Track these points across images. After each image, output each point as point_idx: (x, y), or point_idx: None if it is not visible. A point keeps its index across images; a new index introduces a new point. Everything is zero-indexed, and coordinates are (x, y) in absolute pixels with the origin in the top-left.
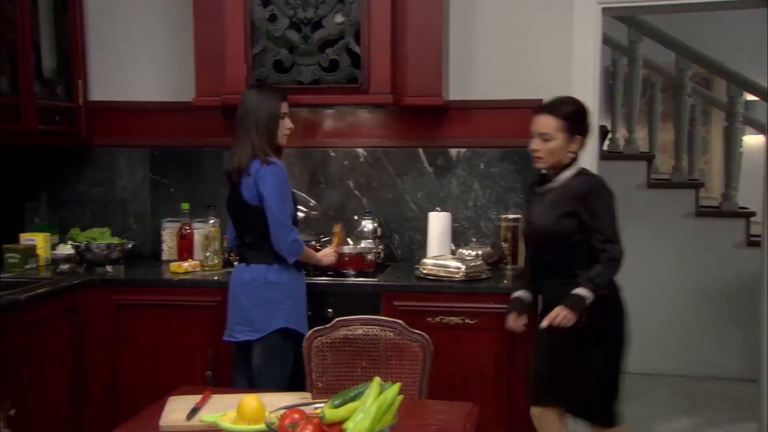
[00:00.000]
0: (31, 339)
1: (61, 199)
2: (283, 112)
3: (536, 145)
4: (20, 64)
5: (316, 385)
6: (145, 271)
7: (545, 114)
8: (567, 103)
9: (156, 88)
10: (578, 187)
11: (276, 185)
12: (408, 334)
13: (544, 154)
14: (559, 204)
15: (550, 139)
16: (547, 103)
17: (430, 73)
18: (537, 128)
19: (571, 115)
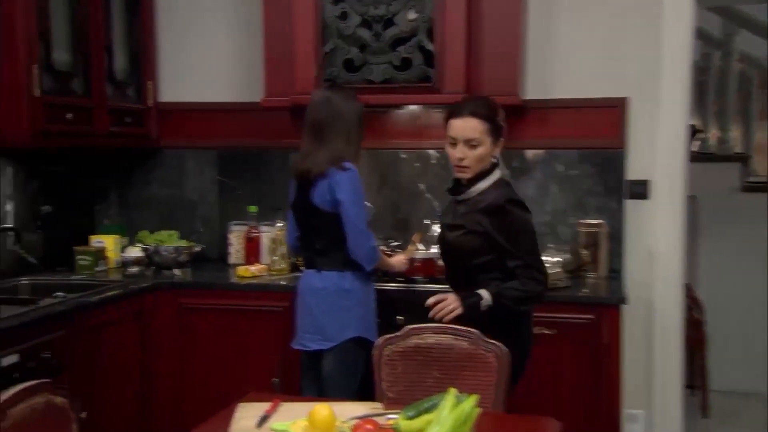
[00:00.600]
0: (101, 342)
1: (130, 200)
2: None
3: (462, 153)
4: (93, 66)
5: (387, 395)
6: (212, 275)
7: (469, 117)
8: (487, 103)
9: (224, 89)
10: (489, 202)
11: (353, 191)
12: (482, 343)
13: (472, 163)
14: (468, 218)
15: (478, 144)
16: (467, 104)
17: (507, 71)
18: (461, 134)
19: (494, 116)
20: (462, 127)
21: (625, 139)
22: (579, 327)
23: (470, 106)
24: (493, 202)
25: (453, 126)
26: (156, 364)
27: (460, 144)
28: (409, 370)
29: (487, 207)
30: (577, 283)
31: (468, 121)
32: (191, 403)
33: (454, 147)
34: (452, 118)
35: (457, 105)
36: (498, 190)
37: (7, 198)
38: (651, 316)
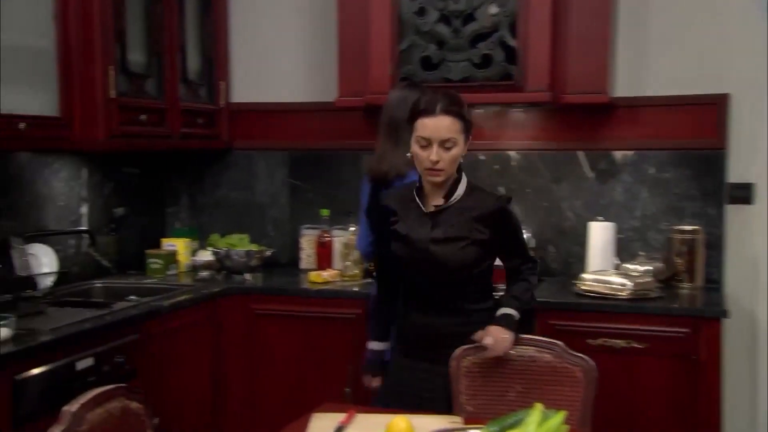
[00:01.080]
0: (172, 346)
1: (200, 203)
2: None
3: (437, 155)
4: (166, 67)
5: (466, 408)
6: (283, 280)
7: (444, 115)
8: (457, 99)
9: (297, 89)
10: (484, 209)
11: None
12: (568, 357)
13: (447, 165)
14: (460, 229)
15: (453, 145)
16: (437, 101)
17: (595, 67)
18: (437, 134)
19: (467, 113)
20: (436, 127)
21: (726, 139)
22: (673, 341)
23: (443, 103)
24: (494, 208)
25: (425, 126)
26: (227, 370)
27: (434, 145)
28: (489, 382)
29: (488, 214)
30: (670, 293)
31: (442, 119)
32: (262, 411)
33: (426, 149)
34: (423, 117)
35: (426, 102)
36: (480, 192)
37: (82, 200)
38: (755, 331)
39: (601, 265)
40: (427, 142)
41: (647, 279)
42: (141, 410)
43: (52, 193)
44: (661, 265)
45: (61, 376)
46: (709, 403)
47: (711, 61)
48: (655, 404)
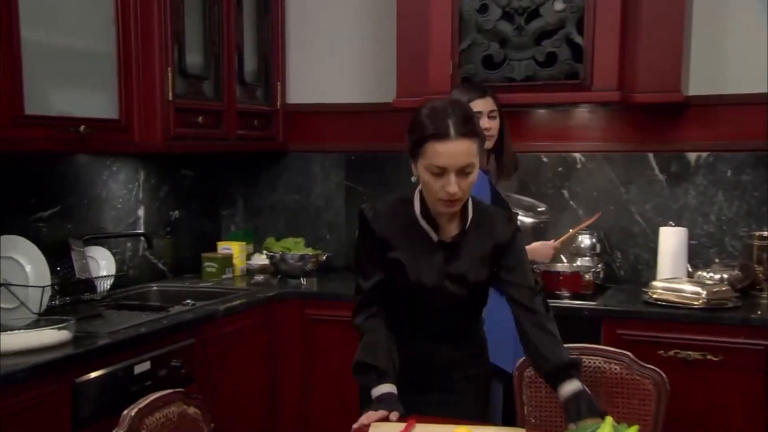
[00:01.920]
0: (227, 351)
1: (256, 206)
2: (476, 110)
3: (456, 186)
4: (224, 68)
5: (529, 420)
6: (338, 285)
7: (462, 139)
8: (469, 114)
9: (354, 89)
10: (500, 237)
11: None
12: (638, 368)
13: (465, 194)
14: (481, 261)
15: (472, 170)
16: (450, 122)
17: (668, 64)
18: (455, 161)
19: (479, 128)
20: (454, 154)
21: None
22: (751, 354)
23: (457, 125)
24: (510, 236)
25: (438, 153)
26: (281, 376)
27: (451, 174)
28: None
29: (505, 243)
30: (748, 303)
31: (459, 144)
32: (317, 418)
33: (441, 177)
34: (435, 142)
35: (436, 124)
36: (485, 211)
37: (139, 203)
38: None
39: (672, 272)
40: (442, 171)
41: (723, 287)
42: (198, 415)
43: (110, 196)
44: (739, 273)
45: (120, 379)
46: None
47: None
48: (731, 421)
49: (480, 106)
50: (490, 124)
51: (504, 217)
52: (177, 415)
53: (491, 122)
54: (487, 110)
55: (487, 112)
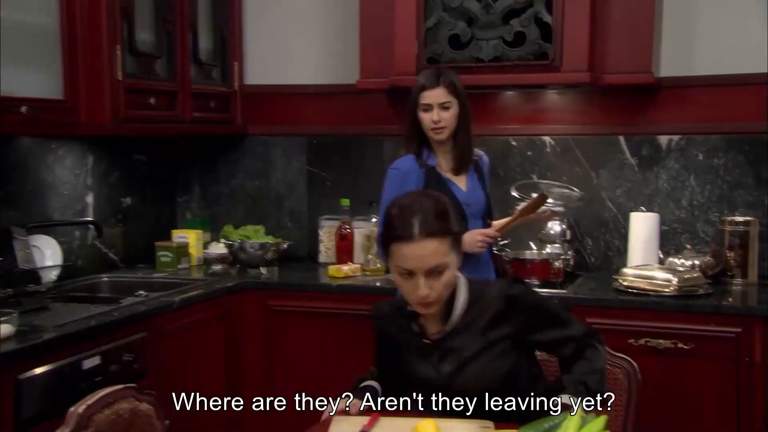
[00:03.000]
0: (185, 345)
1: (213, 192)
2: (423, 103)
3: (427, 289)
4: (177, 47)
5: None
6: (301, 275)
7: (428, 239)
8: (439, 209)
9: (316, 70)
10: (491, 311)
11: (385, 189)
12: (608, 358)
13: (439, 295)
14: (474, 345)
15: (444, 270)
16: (414, 221)
17: (639, 44)
18: (422, 263)
19: (453, 219)
20: (420, 255)
21: None
22: (722, 342)
23: (423, 225)
24: (502, 304)
25: (405, 255)
26: (242, 369)
27: (419, 276)
28: None
29: (499, 313)
30: (720, 290)
31: (426, 245)
32: (280, 413)
33: (410, 279)
34: (400, 243)
35: (401, 224)
36: (480, 290)
37: (87, 189)
38: None
39: (643, 259)
40: (410, 273)
41: (695, 274)
42: (151, 412)
43: (56, 182)
44: (711, 259)
45: (67, 375)
46: (765, 410)
47: (765, 36)
48: (703, 410)
49: (430, 98)
50: (440, 116)
51: (498, 284)
52: (128, 412)
53: (442, 113)
54: (438, 103)
55: (437, 105)
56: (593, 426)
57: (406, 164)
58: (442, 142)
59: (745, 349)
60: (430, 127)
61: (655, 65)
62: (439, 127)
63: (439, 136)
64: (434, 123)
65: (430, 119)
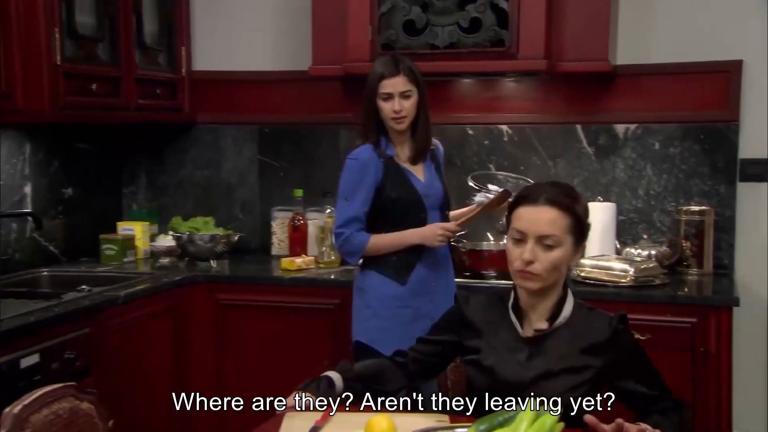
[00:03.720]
0: (130, 341)
1: (160, 183)
2: (383, 92)
3: (532, 254)
4: (120, 30)
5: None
6: (252, 268)
7: (547, 206)
8: (572, 192)
9: (267, 56)
10: (597, 335)
11: (343, 180)
12: None
13: (544, 269)
14: (569, 359)
15: (556, 245)
16: (544, 190)
17: (595, 32)
18: (534, 228)
19: (582, 212)
20: (535, 219)
21: (739, 111)
22: (678, 332)
23: (549, 193)
24: (609, 333)
25: (520, 217)
26: (191, 366)
27: (529, 240)
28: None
29: (603, 342)
30: (676, 280)
31: (544, 211)
32: (230, 411)
33: (519, 244)
34: (521, 206)
35: (529, 192)
36: (589, 312)
37: (25, 179)
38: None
39: (600, 249)
40: (522, 237)
41: (651, 264)
42: (93, 411)
43: None
44: (667, 249)
45: (3, 375)
46: (718, 399)
47: (722, 25)
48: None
49: (391, 87)
50: (401, 105)
51: (607, 316)
52: (68, 412)
53: (403, 102)
54: (399, 92)
55: (398, 94)
56: (547, 419)
57: (365, 154)
58: (401, 131)
59: (700, 339)
60: (391, 116)
61: (612, 53)
62: (401, 117)
63: (399, 126)
64: (395, 113)
65: (390, 109)
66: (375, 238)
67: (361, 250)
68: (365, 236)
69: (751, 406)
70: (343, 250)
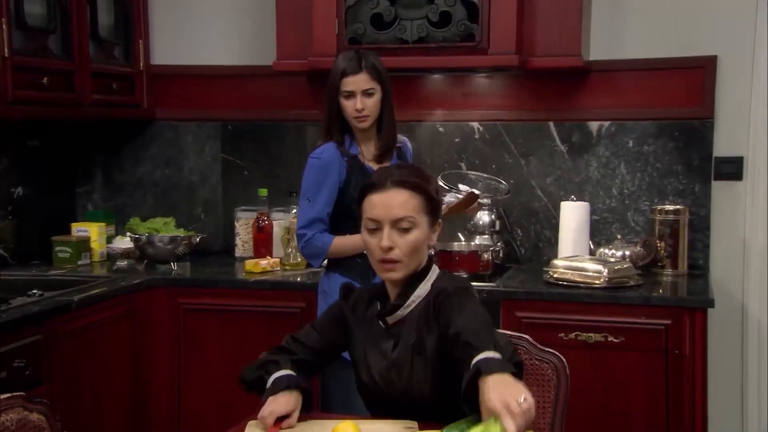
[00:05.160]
0: (85, 348)
1: (117, 182)
2: (345, 89)
3: (390, 240)
4: (73, 21)
5: None
6: (215, 270)
7: (396, 189)
8: (419, 171)
9: (230, 50)
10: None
11: (305, 179)
12: (537, 353)
13: (404, 254)
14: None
15: (412, 226)
16: (390, 173)
17: (567, 26)
18: (387, 213)
19: (432, 189)
20: (386, 204)
21: (714, 108)
22: (652, 334)
23: (396, 175)
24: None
25: (371, 205)
26: (150, 374)
27: (384, 227)
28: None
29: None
30: (651, 281)
31: (394, 194)
32: (191, 420)
33: (375, 234)
34: (369, 194)
35: (376, 177)
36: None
37: None
38: (743, 323)
39: (574, 250)
40: (376, 227)
41: (625, 265)
42: (43, 422)
43: None
44: (641, 249)
45: None
46: (693, 402)
47: (696, 19)
48: (634, 404)
49: (352, 85)
50: (363, 103)
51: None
52: (15, 423)
53: (365, 101)
54: (361, 89)
55: (360, 92)
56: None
57: (327, 153)
58: (365, 129)
59: (674, 341)
60: (353, 115)
61: (585, 48)
62: (363, 116)
63: (362, 125)
64: (357, 111)
65: (352, 107)
66: (338, 240)
67: (324, 252)
68: (328, 238)
69: (727, 410)
70: (305, 252)
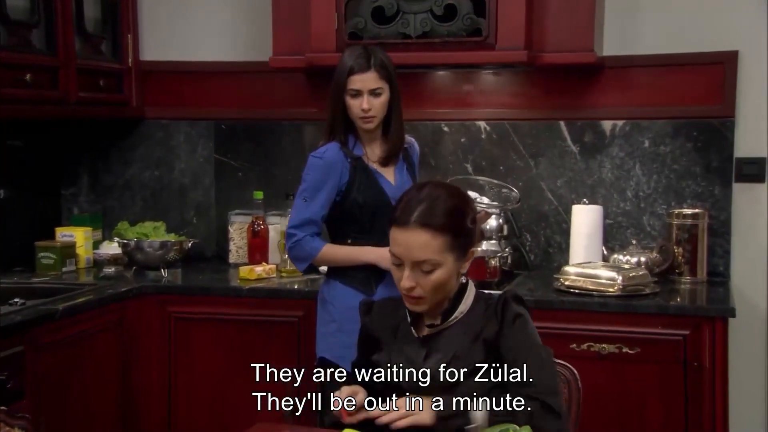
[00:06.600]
0: (71, 360)
1: (105, 184)
2: (352, 88)
3: (412, 280)
4: (57, 14)
5: None
6: (208, 277)
7: (418, 229)
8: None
9: (223, 46)
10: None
11: (305, 178)
12: None
13: (428, 292)
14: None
15: (434, 267)
16: (414, 208)
17: (579, 21)
18: (408, 254)
19: (466, 221)
20: (406, 245)
21: (734, 106)
22: (670, 346)
23: (421, 213)
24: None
25: (393, 240)
26: (139, 386)
27: (406, 266)
28: None
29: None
30: (668, 289)
31: (415, 235)
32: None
33: (398, 268)
34: (393, 227)
35: (401, 208)
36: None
37: None
38: (767, 333)
39: (586, 255)
40: (399, 261)
41: (640, 272)
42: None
43: None
44: (657, 255)
45: None
46: (713, 418)
47: (716, 13)
48: (650, 420)
49: (360, 84)
50: (370, 103)
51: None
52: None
53: (372, 101)
54: (368, 89)
55: (367, 91)
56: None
57: (331, 154)
58: (370, 130)
59: (693, 353)
60: (359, 115)
61: (598, 43)
62: (369, 116)
63: (368, 126)
64: (363, 111)
65: (359, 106)
66: (329, 249)
67: (311, 258)
68: (319, 243)
69: (749, 425)
70: (291, 253)
